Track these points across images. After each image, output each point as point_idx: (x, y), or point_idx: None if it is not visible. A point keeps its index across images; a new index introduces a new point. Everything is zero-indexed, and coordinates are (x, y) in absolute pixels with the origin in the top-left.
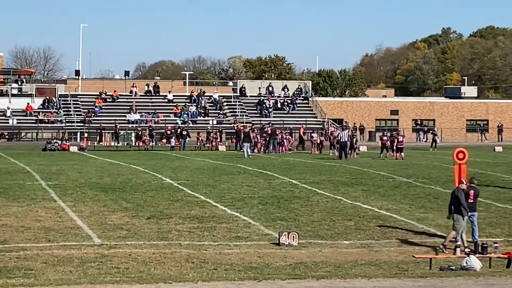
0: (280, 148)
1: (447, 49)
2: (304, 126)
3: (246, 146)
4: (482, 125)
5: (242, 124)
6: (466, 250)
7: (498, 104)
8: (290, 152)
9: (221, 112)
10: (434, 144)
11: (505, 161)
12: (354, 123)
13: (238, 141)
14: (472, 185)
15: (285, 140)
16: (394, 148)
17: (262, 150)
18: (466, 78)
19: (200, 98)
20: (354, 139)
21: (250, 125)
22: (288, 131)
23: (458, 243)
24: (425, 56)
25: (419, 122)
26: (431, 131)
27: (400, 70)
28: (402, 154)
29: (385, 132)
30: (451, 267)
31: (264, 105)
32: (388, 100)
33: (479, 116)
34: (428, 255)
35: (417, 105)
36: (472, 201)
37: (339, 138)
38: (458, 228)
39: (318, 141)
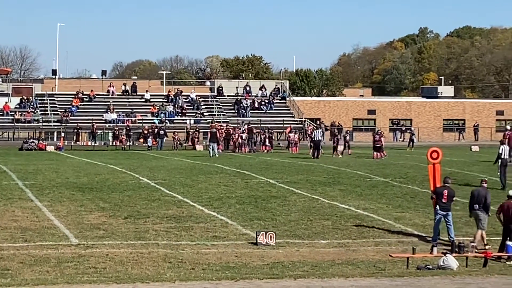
0: (262, 147)
1: (424, 49)
2: (291, 126)
3: (212, 146)
4: (460, 125)
5: (219, 124)
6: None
7: (474, 104)
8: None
9: (199, 112)
10: (411, 143)
11: (481, 160)
12: (336, 123)
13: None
14: (446, 184)
15: (267, 140)
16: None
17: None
18: (443, 77)
19: (178, 98)
20: (348, 138)
21: (225, 125)
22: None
23: (435, 242)
24: (402, 56)
25: (396, 122)
26: (408, 131)
27: (377, 70)
28: (379, 153)
29: (379, 132)
30: (428, 266)
31: (241, 105)
32: (365, 99)
33: (456, 115)
34: (405, 254)
35: (394, 105)
36: (445, 200)
37: (313, 137)
38: (485, 226)
39: (296, 140)
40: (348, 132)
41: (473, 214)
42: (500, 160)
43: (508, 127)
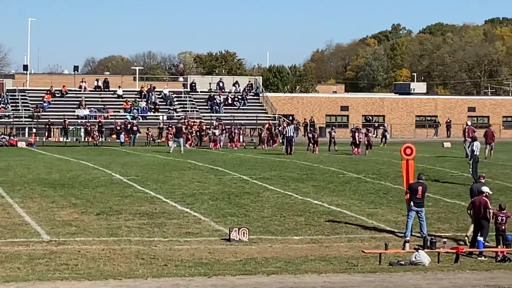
0: (235, 143)
1: (396, 46)
2: (270, 122)
3: (177, 142)
4: (435, 121)
5: (192, 120)
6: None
7: (446, 100)
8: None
9: (171, 108)
10: (384, 140)
11: (453, 156)
12: (307, 120)
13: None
14: (420, 181)
15: (241, 136)
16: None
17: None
18: (415, 74)
19: (150, 94)
20: (333, 134)
21: (198, 121)
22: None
23: (407, 238)
24: (375, 52)
25: (369, 118)
26: (381, 127)
27: (350, 66)
28: (359, 149)
29: (369, 129)
30: (401, 262)
31: (214, 101)
32: (338, 96)
33: (428, 112)
34: (378, 250)
35: (367, 101)
36: (420, 196)
37: (285, 133)
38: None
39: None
40: (333, 128)
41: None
42: (472, 157)
43: (469, 123)
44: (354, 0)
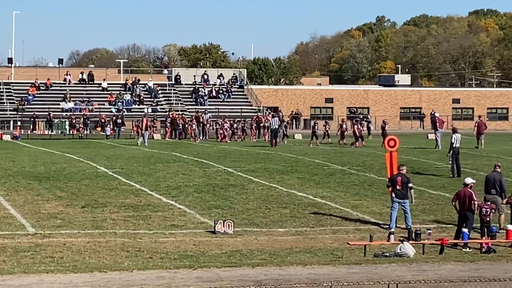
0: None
1: (381, 37)
2: (258, 114)
3: (143, 134)
4: (420, 113)
5: (177, 113)
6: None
7: (431, 92)
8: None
9: (156, 101)
10: (368, 131)
11: (441, 149)
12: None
13: (172, 129)
14: (400, 172)
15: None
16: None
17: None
18: (399, 66)
19: (135, 86)
20: (327, 128)
21: (181, 114)
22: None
23: (392, 230)
24: (359, 44)
25: (353, 110)
26: (365, 119)
27: (335, 58)
28: (344, 140)
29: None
30: (385, 254)
31: (199, 93)
32: (323, 88)
33: (412, 104)
34: (363, 242)
35: (351, 93)
36: (400, 187)
37: (269, 125)
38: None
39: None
40: (327, 121)
41: (489, 198)
42: (452, 149)
43: (437, 115)
44: None
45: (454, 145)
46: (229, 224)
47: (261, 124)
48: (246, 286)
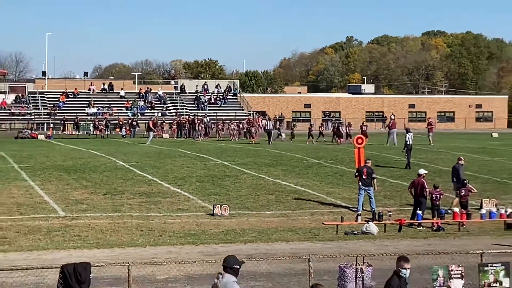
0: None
1: (350, 54)
2: (250, 117)
3: (149, 134)
4: (382, 116)
5: (183, 116)
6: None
7: (391, 99)
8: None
9: (165, 106)
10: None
11: (397, 145)
12: (276, 116)
13: (179, 130)
14: (366, 164)
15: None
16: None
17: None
18: (365, 77)
19: (147, 95)
20: (322, 128)
21: (186, 117)
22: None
23: (359, 212)
24: (332, 60)
25: (327, 114)
26: (337, 121)
27: (312, 71)
28: (342, 139)
29: (336, 122)
30: (354, 232)
31: (200, 100)
32: (302, 95)
33: (376, 108)
34: (335, 222)
35: (325, 100)
36: (366, 177)
37: (265, 126)
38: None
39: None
40: (323, 123)
41: (454, 186)
42: (406, 146)
43: (392, 116)
44: (315, 16)
45: (408, 143)
46: (225, 208)
47: (252, 126)
48: (239, 259)
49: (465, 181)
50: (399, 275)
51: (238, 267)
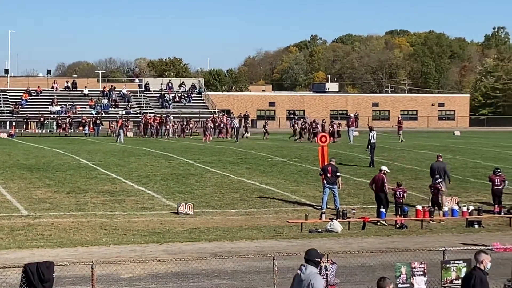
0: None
1: (314, 53)
2: (214, 115)
3: (119, 132)
4: (346, 114)
5: (148, 115)
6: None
7: (355, 97)
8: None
9: (129, 105)
10: (304, 130)
11: (360, 144)
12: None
13: (144, 128)
14: (331, 162)
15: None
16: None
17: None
18: (329, 76)
19: (111, 93)
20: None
21: (153, 115)
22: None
23: (323, 210)
24: (296, 58)
25: (292, 112)
26: (302, 120)
27: (277, 70)
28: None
29: (302, 120)
30: (318, 230)
31: (165, 99)
32: (267, 94)
33: (340, 107)
34: (300, 220)
35: (290, 98)
36: (330, 175)
37: (233, 125)
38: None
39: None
40: (266, 122)
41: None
42: (369, 144)
43: (352, 115)
44: (279, 15)
45: (371, 141)
46: (189, 206)
47: (216, 124)
48: (204, 257)
49: (438, 179)
50: (480, 269)
51: (319, 260)
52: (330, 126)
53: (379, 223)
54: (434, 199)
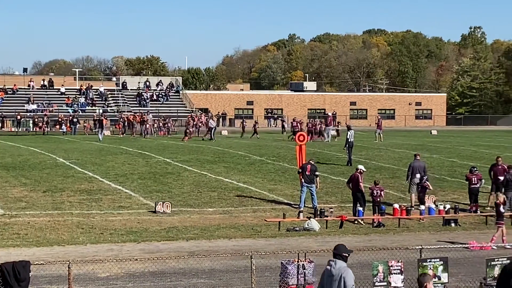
0: (159, 132)
1: (292, 51)
2: (203, 114)
3: (100, 131)
4: (324, 113)
5: (131, 114)
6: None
7: (333, 96)
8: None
9: (106, 103)
10: (283, 129)
11: (338, 143)
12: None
13: (124, 127)
14: (310, 161)
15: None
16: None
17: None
18: (307, 75)
19: (88, 91)
20: (245, 124)
21: (133, 113)
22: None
23: (301, 209)
24: (274, 57)
25: (270, 111)
26: (279, 118)
27: (255, 68)
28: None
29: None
30: (296, 229)
31: (142, 97)
32: (245, 92)
33: (318, 105)
34: (277, 219)
35: (268, 97)
36: (309, 173)
37: (210, 125)
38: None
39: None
40: (244, 120)
41: (413, 182)
42: (347, 143)
43: (330, 114)
44: (257, 13)
45: (349, 140)
46: (167, 205)
47: (194, 123)
48: (181, 256)
49: (423, 177)
50: None
51: (347, 255)
52: (311, 125)
53: (356, 222)
54: (420, 197)
